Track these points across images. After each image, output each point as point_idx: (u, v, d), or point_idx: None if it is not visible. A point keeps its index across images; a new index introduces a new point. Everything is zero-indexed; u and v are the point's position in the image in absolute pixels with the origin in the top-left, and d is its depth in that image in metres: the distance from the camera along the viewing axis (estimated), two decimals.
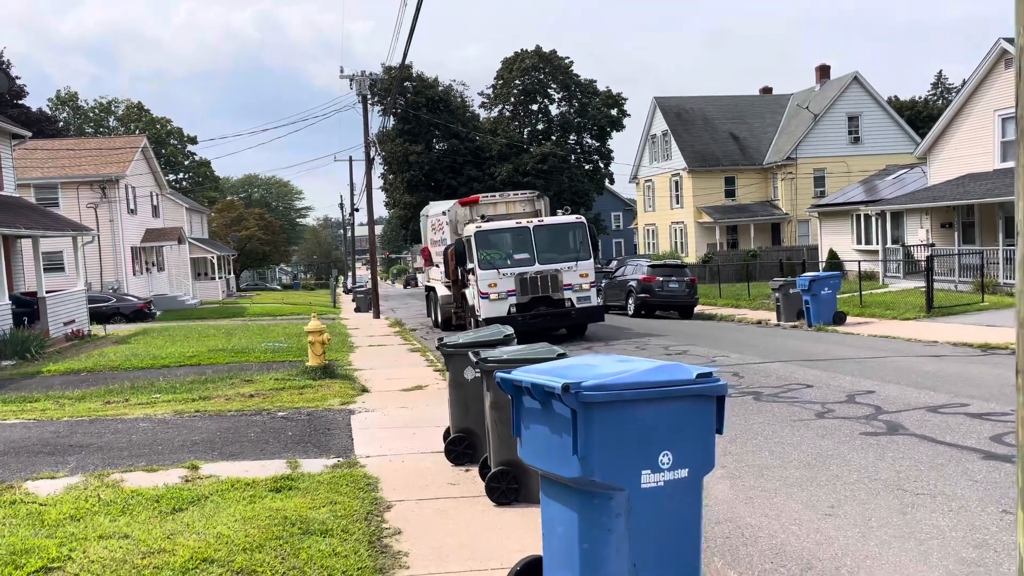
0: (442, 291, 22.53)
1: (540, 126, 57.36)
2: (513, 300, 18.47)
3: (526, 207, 21.14)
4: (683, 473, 3.78)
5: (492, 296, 18.38)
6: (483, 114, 58.27)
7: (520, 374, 4.06)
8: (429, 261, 24.80)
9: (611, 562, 3.70)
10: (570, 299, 18.70)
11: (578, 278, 18.82)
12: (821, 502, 6.07)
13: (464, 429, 7.31)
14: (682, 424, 3.79)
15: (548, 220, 19.56)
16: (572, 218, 19.58)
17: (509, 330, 7.91)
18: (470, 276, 19.05)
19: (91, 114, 72.85)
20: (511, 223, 19.22)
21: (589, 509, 3.72)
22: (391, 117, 53.47)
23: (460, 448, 7.29)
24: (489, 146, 53.56)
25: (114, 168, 36.10)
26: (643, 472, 3.68)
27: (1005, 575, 4.59)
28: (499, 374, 4.18)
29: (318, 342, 12.87)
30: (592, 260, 19.16)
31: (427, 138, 53.64)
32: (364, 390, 11.78)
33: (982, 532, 5.23)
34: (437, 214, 23.53)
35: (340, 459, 7.52)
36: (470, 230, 19.00)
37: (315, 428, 9.02)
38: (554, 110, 57.35)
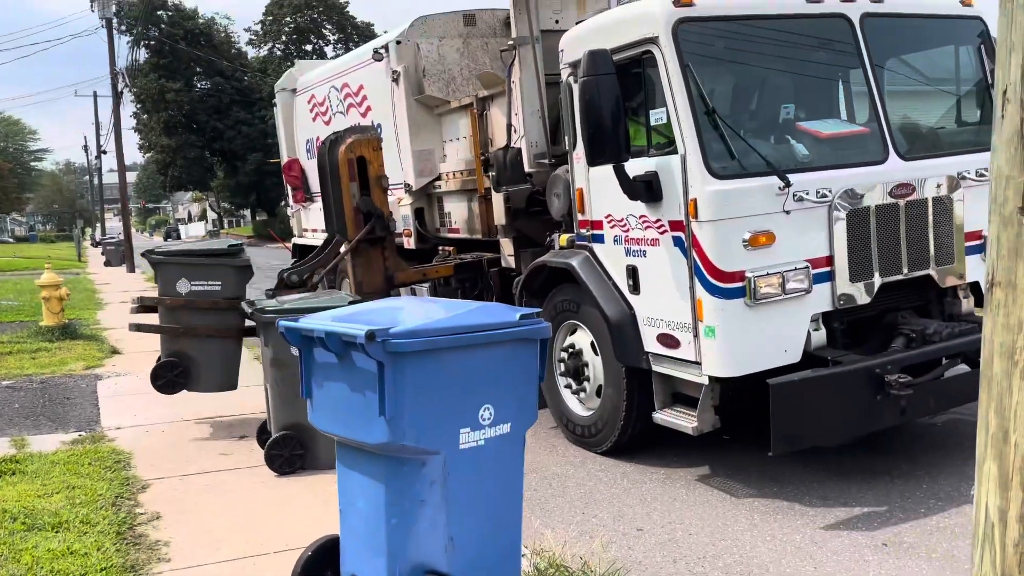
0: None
1: None
2: (823, 303, 4.59)
3: None
4: (505, 428, 3.29)
5: (764, 287, 4.37)
6: (252, 52, 54.23)
7: (311, 322, 3.34)
8: (305, 193, 10.55)
9: (425, 537, 3.15)
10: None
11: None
12: None
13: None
14: (505, 373, 3.28)
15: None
16: (954, 4, 5.39)
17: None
18: (652, 206, 4.76)
19: None
20: None
21: (398, 478, 3.13)
22: (143, 49, 48.04)
23: None
24: (260, 86, 49.93)
25: None
26: (462, 431, 3.15)
27: None
28: (282, 323, 3.41)
29: (54, 297, 11.00)
30: None
31: (187, 75, 48.87)
32: (115, 351, 10.23)
33: None
34: (348, 68, 9.04)
35: (82, 433, 6.30)
36: (658, 21, 4.51)
37: (50, 398, 7.58)
38: (330, 52, 54.58)
